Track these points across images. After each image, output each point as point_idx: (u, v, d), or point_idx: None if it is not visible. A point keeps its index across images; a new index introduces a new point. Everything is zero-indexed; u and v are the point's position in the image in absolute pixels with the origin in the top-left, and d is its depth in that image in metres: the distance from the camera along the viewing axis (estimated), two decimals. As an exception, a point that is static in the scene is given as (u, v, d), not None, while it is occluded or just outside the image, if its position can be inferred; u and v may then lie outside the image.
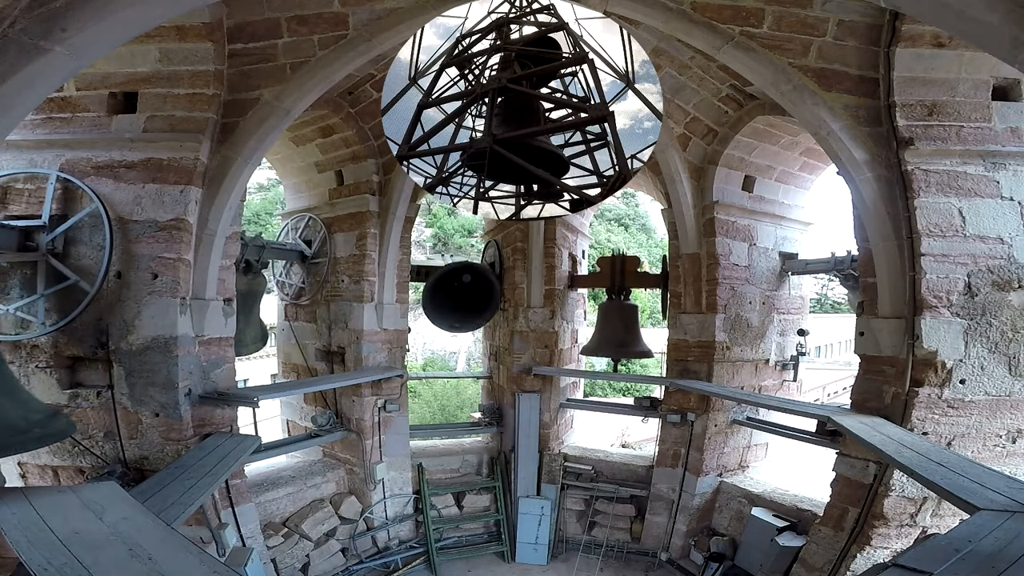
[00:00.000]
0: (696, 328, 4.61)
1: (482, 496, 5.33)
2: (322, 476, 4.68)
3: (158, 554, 1.60)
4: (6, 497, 1.95)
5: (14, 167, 3.10)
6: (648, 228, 33.61)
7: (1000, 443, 2.91)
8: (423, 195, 4.80)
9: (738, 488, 4.50)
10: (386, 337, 4.85)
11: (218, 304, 3.43)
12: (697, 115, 4.31)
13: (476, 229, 24.91)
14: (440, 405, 15.57)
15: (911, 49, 2.82)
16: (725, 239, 4.51)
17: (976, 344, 2.82)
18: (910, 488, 2.89)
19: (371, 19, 3.17)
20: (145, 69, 3.07)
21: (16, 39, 1.79)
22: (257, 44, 3.23)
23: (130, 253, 3.07)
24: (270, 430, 5.27)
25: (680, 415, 4.62)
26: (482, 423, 5.65)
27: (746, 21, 3.04)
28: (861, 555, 3.01)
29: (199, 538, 3.09)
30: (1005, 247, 2.85)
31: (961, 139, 2.89)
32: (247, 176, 3.42)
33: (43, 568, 1.48)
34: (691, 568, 4.46)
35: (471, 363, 23.87)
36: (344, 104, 4.26)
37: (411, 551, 4.87)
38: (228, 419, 3.45)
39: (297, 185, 5.30)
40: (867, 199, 3.06)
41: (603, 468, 5.24)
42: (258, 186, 28.85)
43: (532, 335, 5.34)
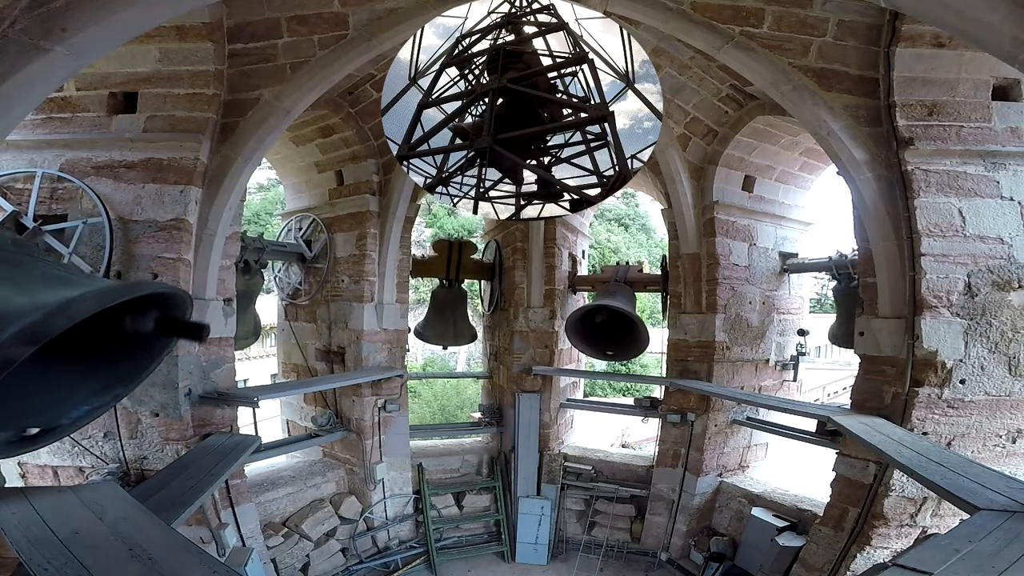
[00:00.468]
0: (696, 328, 4.61)
1: (482, 496, 5.33)
2: (322, 476, 4.68)
3: (158, 554, 1.60)
4: (6, 497, 1.95)
5: (14, 167, 3.10)
6: (648, 228, 33.58)
7: (1000, 443, 2.91)
8: (423, 195, 4.80)
9: (738, 488, 4.50)
10: (386, 337, 4.85)
11: (218, 304, 3.43)
12: (697, 115, 4.31)
13: (476, 229, 24.90)
14: (440, 405, 15.58)
15: (911, 49, 2.81)
16: (725, 239, 4.51)
17: (976, 344, 2.82)
18: (910, 488, 2.89)
19: (371, 19, 3.17)
20: (145, 69, 3.07)
21: (16, 39, 1.79)
22: (257, 44, 3.23)
23: (130, 253, 3.07)
24: (270, 430, 5.27)
25: (680, 415, 4.62)
26: (482, 423, 5.65)
27: (746, 21, 3.04)
28: (861, 555, 3.01)
29: (199, 538, 3.09)
30: (1005, 247, 2.85)
31: (961, 139, 2.89)
32: (247, 176, 3.42)
33: (43, 568, 1.48)
34: (691, 568, 4.46)
35: (471, 363, 23.85)
36: (344, 104, 4.26)
37: (411, 551, 4.87)
38: (228, 419, 3.45)
39: (297, 185, 5.30)
40: (867, 199, 3.06)
41: (603, 468, 5.24)
42: (258, 186, 28.83)
43: (532, 335, 5.34)
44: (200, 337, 1.48)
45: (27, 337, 1.10)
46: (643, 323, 4.76)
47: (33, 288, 1.30)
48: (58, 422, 1.57)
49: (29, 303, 1.18)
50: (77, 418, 1.58)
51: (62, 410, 1.58)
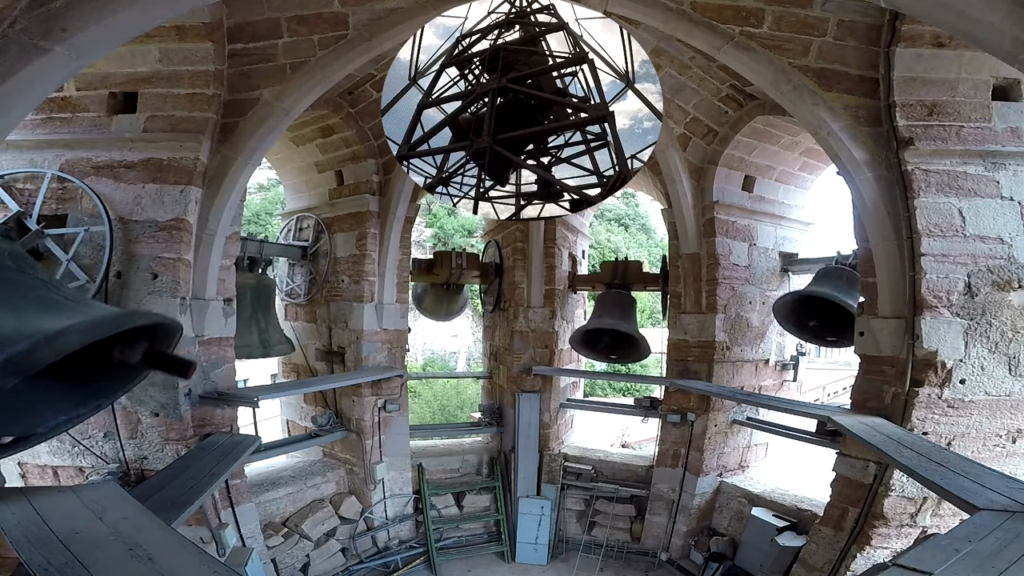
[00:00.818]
0: (696, 328, 4.61)
1: (482, 496, 5.33)
2: (322, 476, 4.68)
3: (158, 554, 1.60)
4: (6, 497, 1.94)
5: (14, 167, 3.10)
6: (648, 228, 33.57)
7: (1000, 443, 2.91)
8: (423, 195, 4.80)
9: (738, 488, 4.50)
10: (386, 337, 4.85)
11: (218, 304, 3.43)
12: (697, 115, 4.31)
13: (476, 229, 24.89)
14: (440, 405, 15.58)
15: (911, 49, 2.81)
16: (725, 239, 4.51)
17: (976, 344, 2.82)
18: (910, 488, 2.88)
19: (371, 19, 3.17)
20: (145, 69, 3.07)
21: (16, 39, 1.79)
22: (257, 44, 3.23)
23: (130, 253, 3.07)
24: (270, 430, 5.27)
25: (680, 415, 4.62)
26: (482, 423, 5.65)
27: (746, 21, 3.04)
28: (861, 555, 3.00)
29: (199, 538, 3.09)
30: (1005, 247, 2.85)
31: (961, 139, 2.88)
32: (247, 176, 3.42)
33: (43, 568, 1.48)
34: (691, 568, 4.46)
35: (471, 363, 23.86)
36: (344, 104, 4.27)
37: (411, 551, 4.87)
38: (228, 419, 3.44)
39: (297, 185, 5.30)
40: (867, 199, 3.06)
41: (603, 468, 5.24)
42: (258, 186, 28.82)
43: (532, 335, 5.34)
44: (186, 374, 1.47)
45: (12, 369, 1.09)
46: (644, 339, 4.84)
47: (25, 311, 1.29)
48: (34, 430, 1.56)
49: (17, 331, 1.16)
50: (54, 427, 1.57)
51: (39, 419, 1.58)
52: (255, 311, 4.28)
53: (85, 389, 1.63)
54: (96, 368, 1.57)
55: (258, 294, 4.35)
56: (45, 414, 1.57)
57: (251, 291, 4.26)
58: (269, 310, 4.51)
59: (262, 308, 4.36)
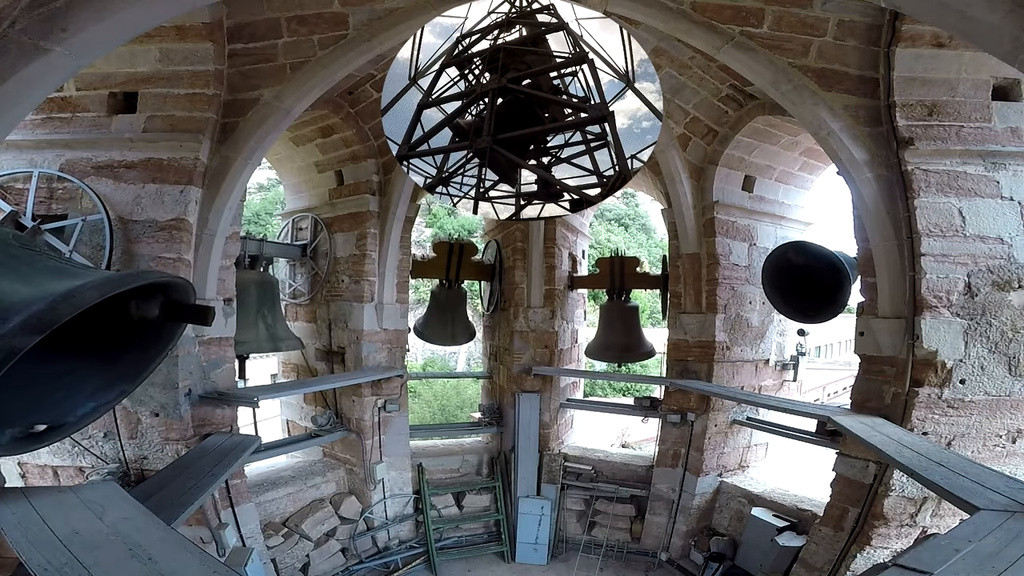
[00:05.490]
0: (696, 328, 4.61)
1: (482, 496, 5.33)
2: (322, 476, 4.68)
3: (158, 554, 1.60)
4: (6, 497, 1.94)
5: (14, 167, 3.10)
6: (648, 228, 33.59)
7: (1000, 443, 2.91)
8: (423, 195, 4.80)
9: (738, 488, 4.49)
10: (386, 337, 4.85)
11: (218, 304, 3.43)
12: (697, 115, 4.31)
13: (476, 229, 24.89)
14: (440, 405, 15.57)
15: (911, 49, 2.81)
16: (725, 239, 4.51)
17: (976, 344, 2.82)
18: (910, 488, 2.88)
19: (371, 19, 3.17)
20: (145, 69, 3.07)
21: (16, 39, 1.79)
22: (257, 44, 3.23)
23: (130, 253, 3.06)
24: (270, 430, 5.28)
25: (680, 415, 4.62)
26: (482, 423, 5.65)
27: (746, 21, 3.04)
28: (861, 555, 3.00)
29: (199, 538, 3.09)
30: (1005, 247, 2.85)
31: (961, 139, 2.88)
32: (247, 176, 3.42)
33: (43, 568, 1.48)
34: (691, 568, 4.46)
35: (471, 363, 23.85)
36: (344, 104, 4.26)
37: (411, 551, 4.87)
38: (228, 419, 3.44)
39: (297, 185, 5.30)
40: (867, 199, 3.06)
41: (603, 468, 5.24)
42: (258, 186, 28.84)
43: (532, 335, 5.34)
44: (206, 320, 1.49)
45: (33, 326, 1.10)
46: (650, 344, 4.96)
47: (38, 280, 1.31)
48: (64, 419, 1.59)
49: (34, 293, 1.18)
50: (83, 415, 1.60)
51: (68, 407, 1.61)
52: (261, 307, 4.27)
53: (108, 372, 1.64)
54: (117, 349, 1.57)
55: (263, 290, 4.33)
56: (73, 401, 1.60)
57: (256, 287, 4.25)
58: (275, 306, 4.50)
59: (267, 304, 4.34)
